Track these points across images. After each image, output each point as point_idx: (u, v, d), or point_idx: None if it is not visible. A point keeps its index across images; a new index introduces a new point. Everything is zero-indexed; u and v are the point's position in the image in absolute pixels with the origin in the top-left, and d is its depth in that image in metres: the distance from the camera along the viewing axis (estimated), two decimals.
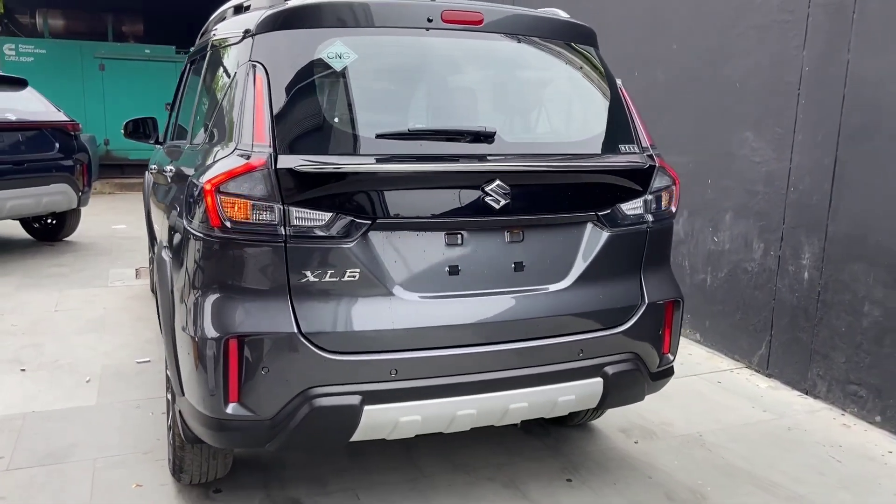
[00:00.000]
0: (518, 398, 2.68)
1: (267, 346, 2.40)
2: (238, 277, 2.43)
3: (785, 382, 4.47)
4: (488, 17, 2.76)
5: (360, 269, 2.45)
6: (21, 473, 3.25)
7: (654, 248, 2.96)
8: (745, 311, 4.76)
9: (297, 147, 2.42)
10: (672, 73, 5.34)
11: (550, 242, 2.75)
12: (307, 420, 2.44)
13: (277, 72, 2.51)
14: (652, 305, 2.92)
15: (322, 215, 2.40)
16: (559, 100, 3.00)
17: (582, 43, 3.00)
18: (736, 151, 4.77)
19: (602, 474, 3.37)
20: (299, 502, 3.07)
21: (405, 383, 2.51)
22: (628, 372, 2.87)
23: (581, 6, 6.34)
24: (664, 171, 2.97)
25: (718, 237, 4.95)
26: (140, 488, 3.15)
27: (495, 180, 2.54)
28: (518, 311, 2.67)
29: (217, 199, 2.37)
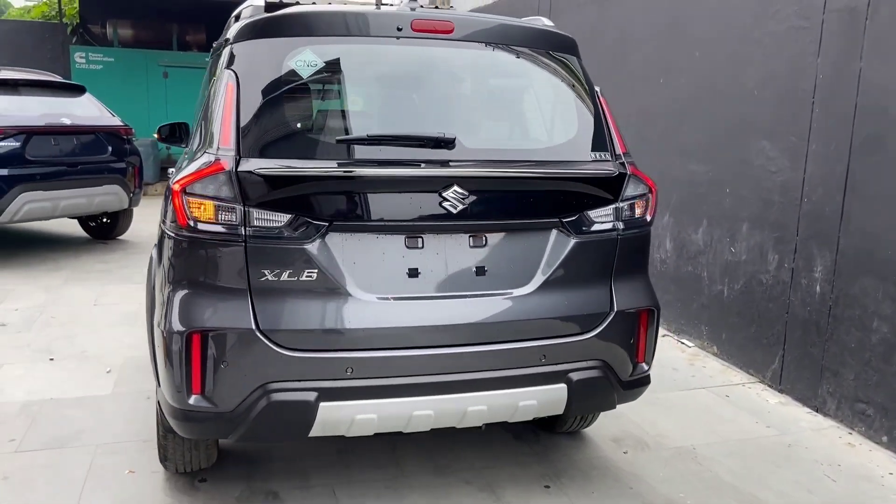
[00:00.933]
0: (477, 401, 2.71)
1: (226, 341, 2.51)
2: (203, 275, 2.55)
3: (796, 398, 4.35)
4: (459, 26, 2.81)
5: (318, 269, 2.54)
6: (27, 455, 3.46)
7: (626, 256, 2.94)
8: (759, 324, 4.65)
9: (261, 151, 2.53)
10: (694, 81, 5.26)
11: (514, 248, 2.78)
12: (265, 413, 2.53)
13: (248, 79, 2.63)
14: (622, 313, 2.91)
15: (281, 217, 2.50)
16: (529, 107, 3.03)
17: (559, 51, 3.02)
18: (753, 160, 4.67)
19: (582, 483, 3.36)
20: (277, 495, 3.17)
21: (361, 382, 2.58)
22: (595, 379, 2.86)
23: (608, 14, 6.33)
24: (638, 179, 2.95)
25: (735, 248, 4.85)
26: (132, 474, 3.31)
27: (452, 185, 2.59)
28: (478, 314, 2.71)
29: (184, 200, 2.50)
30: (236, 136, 2.52)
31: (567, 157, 2.85)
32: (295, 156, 2.56)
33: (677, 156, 5.44)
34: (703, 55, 5.16)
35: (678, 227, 5.45)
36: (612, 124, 3.00)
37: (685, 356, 5.10)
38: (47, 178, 7.25)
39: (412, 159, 2.61)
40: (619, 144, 2.97)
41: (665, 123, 5.59)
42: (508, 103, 3.01)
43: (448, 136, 2.63)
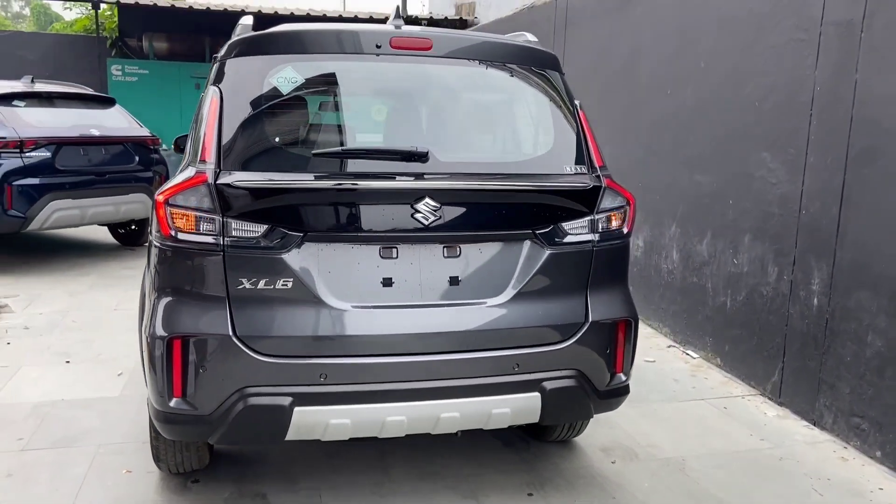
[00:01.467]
0: (449, 408, 2.78)
1: (205, 347, 2.62)
2: (184, 283, 2.66)
3: (795, 412, 4.32)
4: (438, 44, 2.90)
5: (294, 278, 2.64)
6: (32, 454, 3.61)
7: (603, 268, 2.98)
8: (760, 336, 4.63)
9: (241, 164, 2.64)
10: (699, 92, 5.26)
11: (487, 258, 2.85)
12: (241, 417, 2.63)
13: (231, 95, 2.74)
14: (597, 324, 2.95)
15: (258, 227, 2.61)
16: (505, 122, 3.09)
17: (539, 67, 3.08)
18: (754, 172, 4.66)
19: (567, 491, 3.40)
20: (265, 497, 3.27)
21: (334, 388, 2.67)
22: (569, 388, 2.91)
23: (620, 26, 6.36)
24: (614, 192, 3.00)
25: (738, 259, 4.84)
26: (129, 474, 3.44)
27: (424, 198, 2.67)
28: (451, 323, 2.78)
29: (167, 211, 2.62)
30: (217, 151, 2.64)
31: (541, 171, 2.91)
32: (273, 169, 2.66)
33: (684, 167, 5.44)
34: (707, 66, 5.17)
35: (684, 239, 5.44)
36: (589, 138, 3.05)
37: (688, 367, 5.09)
38: (76, 186, 7.51)
39: (385, 172, 2.70)
40: (595, 158, 3.02)
41: (673, 135, 5.60)
42: (485, 118, 3.09)
43: (421, 150, 2.72)
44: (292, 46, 2.83)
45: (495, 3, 11.51)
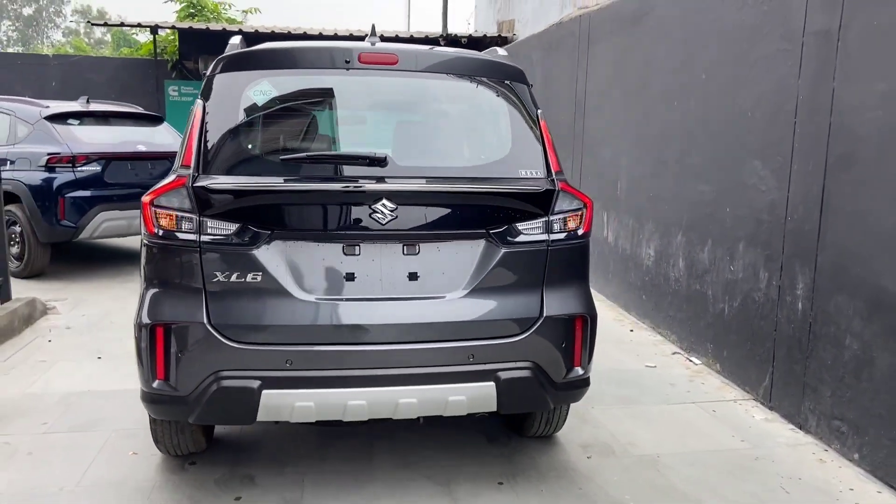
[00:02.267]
0: (407, 394, 2.99)
1: (183, 333, 2.90)
2: (167, 276, 2.96)
3: (783, 416, 4.37)
4: (404, 58, 3.14)
5: (263, 272, 2.90)
6: (53, 436, 3.97)
7: (558, 266, 3.16)
8: (753, 341, 4.69)
9: (216, 169, 2.94)
10: (702, 104, 5.37)
11: (445, 256, 3.06)
12: (215, 398, 2.91)
13: (213, 107, 3.05)
14: (551, 319, 3.12)
15: (230, 226, 2.89)
16: (465, 129, 3.31)
17: (501, 78, 3.29)
18: (747, 180, 4.74)
19: (536, 482, 3.56)
20: (253, 479, 3.54)
21: (299, 373, 2.92)
22: (524, 379, 3.08)
23: (633, 40, 6.51)
24: (569, 195, 3.17)
25: (734, 266, 4.91)
26: (134, 455, 3.76)
27: (381, 199, 2.91)
28: (409, 315, 3.00)
29: (151, 211, 2.93)
30: (197, 157, 2.94)
31: (496, 174, 3.11)
32: (246, 173, 2.95)
33: (689, 177, 5.54)
34: (708, 78, 5.28)
35: (689, 247, 5.53)
36: (548, 145, 3.24)
37: (688, 373, 5.16)
38: (123, 199, 8.02)
39: (346, 176, 2.95)
40: (552, 163, 3.20)
41: (679, 145, 5.71)
42: (445, 126, 3.31)
43: (379, 155, 2.96)
44: (269, 63, 3.12)
45: (532, 20, 11.73)
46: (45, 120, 7.89)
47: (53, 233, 7.68)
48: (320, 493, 3.41)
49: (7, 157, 7.79)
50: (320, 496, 3.38)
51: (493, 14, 13.87)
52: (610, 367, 5.26)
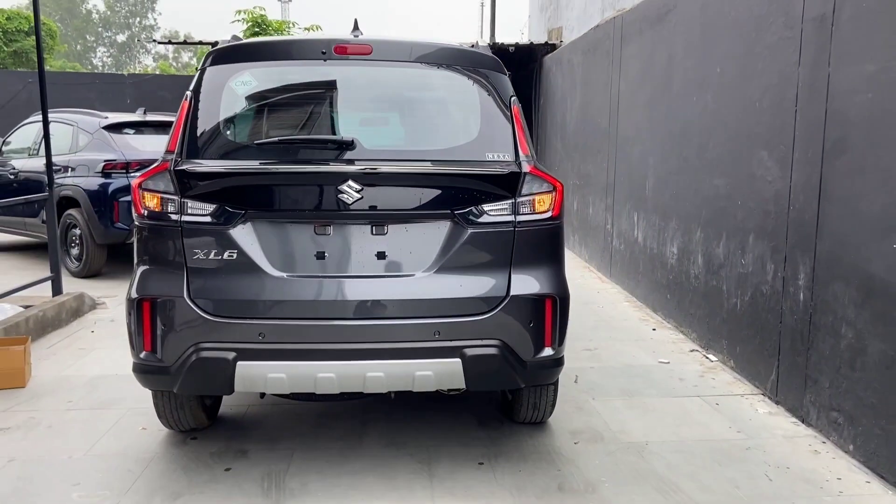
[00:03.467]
0: (374, 368, 3.11)
1: (166, 307, 3.11)
2: (153, 253, 3.18)
3: (787, 409, 4.28)
4: (378, 48, 3.29)
5: (237, 249, 3.09)
6: (74, 413, 4.26)
7: (526, 247, 3.23)
8: (762, 335, 4.61)
9: (197, 154, 3.15)
10: (717, 97, 5.32)
11: (412, 236, 3.18)
12: (194, 368, 3.10)
13: (200, 97, 3.27)
14: (517, 298, 3.19)
15: (208, 206, 3.09)
16: (433, 115, 3.42)
17: (473, 67, 3.40)
18: (756, 172, 4.68)
19: (517, 463, 3.62)
20: (245, 453, 3.72)
21: (270, 346, 3.08)
22: (490, 357, 3.16)
23: (659, 37, 6.50)
24: (536, 178, 3.24)
25: (745, 260, 4.84)
26: (143, 430, 4.00)
27: (347, 181, 3.06)
28: (376, 292, 3.13)
29: (140, 194, 3.16)
30: (180, 143, 3.16)
31: (461, 157, 3.21)
32: (222, 157, 3.15)
33: (706, 172, 5.49)
34: (723, 70, 5.23)
35: (706, 243, 5.47)
36: (518, 129, 3.32)
37: (701, 369, 5.10)
38: None
39: (314, 159, 3.11)
40: (521, 147, 3.28)
41: (698, 140, 5.66)
42: (414, 112, 3.43)
43: (346, 139, 3.11)
44: (252, 55, 3.33)
45: (577, 26, 11.76)
46: (102, 129, 8.41)
47: (109, 235, 8.14)
48: (306, 466, 3.56)
49: (69, 164, 8.33)
50: (305, 469, 3.53)
51: (545, 22, 13.95)
52: (622, 362, 5.25)
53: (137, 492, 3.32)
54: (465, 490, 3.35)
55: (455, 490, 3.35)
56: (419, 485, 3.40)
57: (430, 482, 3.42)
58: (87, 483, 3.40)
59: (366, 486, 3.39)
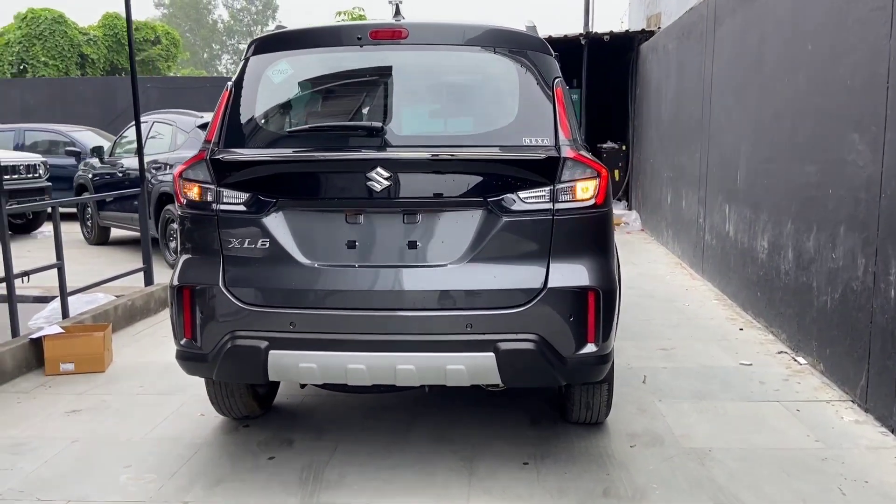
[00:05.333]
0: (405, 360, 3.02)
1: (203, 295, 3.14)
2: (192, 242, 3.23)
3: (877, 417, 3.87)
4: (414, 32, 3.20)
5: (270, 238, 3.08)
6: (142, 397, 4.42)
7: (567, 237, 3.04)
8: (852, 336, 4.20)
9: (234, 143, 3.16)
10: (807, 77, 4.90)
11: (444, 225, 3.06)
12: (229, 356, 3.11)
13: (240, 87, 3.28)
14: (556, 291, 3.02)
15: (242, 195, 3.10)
16: (469, 99, 3.28)
17: (513, 48, 3.24)
18: (846, 156, 4.27)
19: (564, 465, 3.44)
20: (291, 443, 3.73)
21: (302, 335, 3.05)
22: (525, 352, 3.00)
23: (750, 17, 6.10)
24: (578, 163, 3.04)
25: (835, 254, 4.43)
26: (201, 417, 4.08)
27: (376, 167, 2.98)
28: (407, 283, 3.04)
29: (180, 184, 3.21)
30: (219, 132, 3.18)
31: (496, 143, 3.06)
32: (257, 146, 3.15)
33: (796, 159, 5.08)
34: (814, 48, 4.82)
35: (797, 236, 5.06)
36: (561, 112, 3.13)
37: (787, 372, 4.71)
38: None
39: (344, 146, 3.06)
40: (563, 131, 3.09)
41: (789, 124, 5.25)
42: (449, 96, 3.30)
43: (375, 125, 3.03)
44: (289, 44, 3.31)
45: (676, 12, 11.25)
46: (198, 128, 8.75)
47: None
48: (347, 458, 3.52)
49: (168, 161, 8.72)
50: (346, 461, 3.49)
51: (643, 10, 13.44)
52: (698, 363, 4.93)
53: (182, 476, 3.38)
54: (503, 490, 3.21)
55: (493, 489, 3.22)
56: (457, 482, 3.29)
57: (469, 480, 3.31)
58: (137, 465, 3.49)
59: (403, 481, 3.31)
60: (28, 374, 4.83)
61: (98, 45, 28.82)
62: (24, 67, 27.22)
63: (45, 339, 4.85)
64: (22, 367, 4.83)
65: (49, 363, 4.84)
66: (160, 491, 3.24)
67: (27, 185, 11.62)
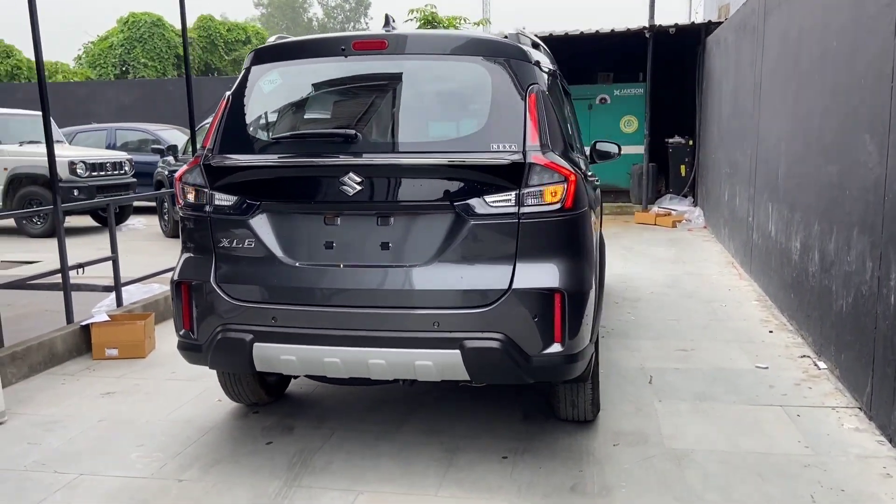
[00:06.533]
0: (376, 355, 3.19)
1: (199, 290, 3.40)
2: (190, 240, 3.50)
3: (878, 426, 3.77)
4: (393, 42, 3.36)
5: (255, 238, 3.31)
6: (170, 383, 4.77)
7: (533, 240, 3.13)
8: (861, 341, 4.09)
9: (226, 149, 3.40)
10: (833, 75, 4.76)
11: (415, 227, 3.21)
12: (219, 347, 3.37)
13: (236, 96, 3.52)
14: (520, 291, 3.11)
15: (231, 198, 3.34)
16: (441, 106, 3.40)
17: (488, 56, 3.33)
18: (859, 157, 4.15)
19: (542, 460, 3.54)
20: (292, 429, 3.96)
21: (283, 329, 3.26)
22: (490, 349, 3.11)
23: (792, 10, 5.94)
24: (545, 168, 3.12)
25: (850, 256, 4.31)
26: (218, 402, 4.38)
27: (349, 173, 3.15)
28: (379, 282, 3.20)
29: (180, 187, 3.48)
30: (214, 139, 3.43)
31: (464, 149, 3.17)
32: (246, 152, 3.38)
33: (822, 157, 4.95)
34: (838, 44, 4.68)
35: (822, 237, 4.93)
36: (531, 118, 3.20)
37: (802, 377, 4.61)
38: None
39: (320, 153, 3.25)
40: (531, 136, 3.17)
41: (818, 122, 5.11)
42: (421, 103, 3.42)
43: (350, 133, 3.21)
44: (281, 55, 3.53)
45: None
46: None
47: None
48: (339, 446, 3.73)
49: None
50: (336, 449, 3.70)
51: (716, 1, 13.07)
52: (713, 365, 4.89)
53: (185, 456, 3.67)
54: (475, 482, 3.34)
55: (465, 481, 3.35)
56: (433, 472, 3.44)
57: (446, 471, 3.45)
58: (149, 445, 3.81)
59: (384, 469, 3.49)
60: (78, 358, 5.27)
61: (193, 45, 30.22)
62: (126, 69, 28.92)
63: (93, 326, 5.28)
64: (73, 352, 5.28)
65: (96, 348, 5.27)
66: (162, 469, 3.53)
67: (113, 181, 12.43)
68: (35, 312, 5.95)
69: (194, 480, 3.42)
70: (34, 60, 5.16)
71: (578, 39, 12.54)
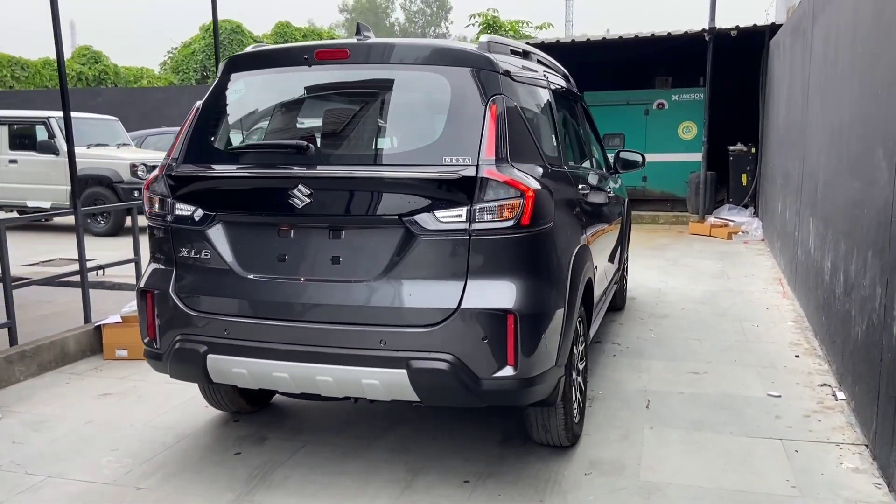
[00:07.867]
0: (323, 372, 3.12)
1: (159, 299, 3.41)
2: (155, 249, 3.51)
3: (880, 467, 3.45)
4: (354, 52, 3.28)
5: (211, 249, 3.29)
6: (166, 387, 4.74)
7: (485, 258, 2.99)
8: (871, 373, 3.76)
9: (189, 159, 3.40)
10: (859, 85, 4.42)
11: (365, 242, 3.12)
12: (176, 356, 3.37)
13: (205, 107, 3.52)
14: (469, 311, 2.98)
15: (189, 207, 3.33)
16: (397, 117, 3.28)
17: (451, 65, 3.21)
18: (874, 173, 3.82)
19: (504, 486, 3.39)
20: (264, 441, 3.94)
21: (234, 341, 3.23)
22: (438, 371, 2.99)
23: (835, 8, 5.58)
24: (500, 183, 2.97)
25: (865, 280, 3.98)
26: (205, 409, 4.40)
27: (298, 185, 3.09)
28: (328, 297, 3.13)
29: (147, 196, 3.50)
30: (179, 149, 3.43)
31: (416, 162, 3.06)
32: (205, 162, 3.36)
33: (848, 172, 4.61)
34: (863, 51, 4.34)
35: (846, 257, 4.58)
36: (490, 130, 3.06)
37: (815, 408, 4.28)
38: None
39: (272, 164, 3.20)
40: (487, 149, 3.03)
41: (847, 134, 4.76)
42: (377, 114, 3.32)
43: (301, 144, 3.14)
44: (250, 64, 3.50)
45: None
46: None
47: None
48: (303, 461, 3.68)
49: None
50: (299, 463, 3.65)
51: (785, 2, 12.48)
52: (721, 391, 4.60)
53: (152, 463, 3.69)
54: None
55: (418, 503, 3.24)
56: (388, 494, 3.34)
57: (402, 493, 3.35)
58: (123, 450, 3.85)
59: (341, 487, 3.41)
60: (90, 358, 5.42)
61: None
62: (206, 75, 29.93)
63: (104, 327, 5.42)
64: (85, 351, 5.43)
65: (107, 349, 5.41)
66: (126, 475, 3.56)
67: None
68: (69, 311, 6.13)
69: (151, 489, 3.43)
70: (55, 61, 5.35)
71: (635, 43, 12.18)
